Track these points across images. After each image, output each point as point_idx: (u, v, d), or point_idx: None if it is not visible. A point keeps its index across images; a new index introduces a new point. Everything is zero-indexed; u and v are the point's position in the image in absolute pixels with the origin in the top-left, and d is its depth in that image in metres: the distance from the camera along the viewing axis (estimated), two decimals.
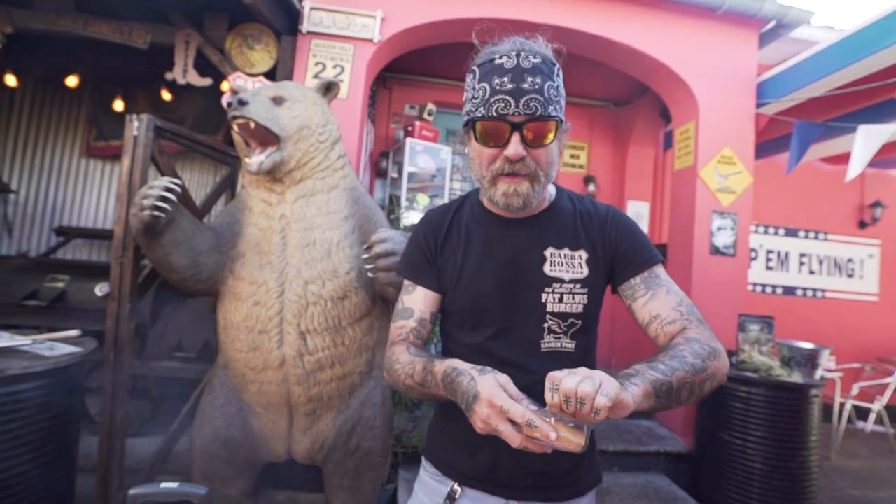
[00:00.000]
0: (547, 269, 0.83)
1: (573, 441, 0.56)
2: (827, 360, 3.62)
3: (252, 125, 1.54)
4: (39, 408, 1.45)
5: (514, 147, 0.74)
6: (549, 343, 0.82)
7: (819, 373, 2.19)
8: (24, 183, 3.76)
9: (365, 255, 1.51)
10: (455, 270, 0.86)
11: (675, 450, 2.47)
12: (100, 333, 1.82)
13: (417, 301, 0.87)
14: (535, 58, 0.73)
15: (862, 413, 3.77)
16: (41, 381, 1.44)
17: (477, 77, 0.77)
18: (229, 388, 1.74)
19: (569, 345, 0.83)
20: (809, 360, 2.18)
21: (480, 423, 0.62)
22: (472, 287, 0.84)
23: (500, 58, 0.74)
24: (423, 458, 0.92)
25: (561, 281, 0.82)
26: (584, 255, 0.84)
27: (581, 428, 0.56)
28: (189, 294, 1.96)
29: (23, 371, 1.36)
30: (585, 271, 0.84)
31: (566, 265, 0.83)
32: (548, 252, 0.84)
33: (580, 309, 0.83)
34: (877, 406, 3.48)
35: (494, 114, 0.73)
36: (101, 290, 2.86)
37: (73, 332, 1.63)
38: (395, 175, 3.56)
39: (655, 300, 0.81)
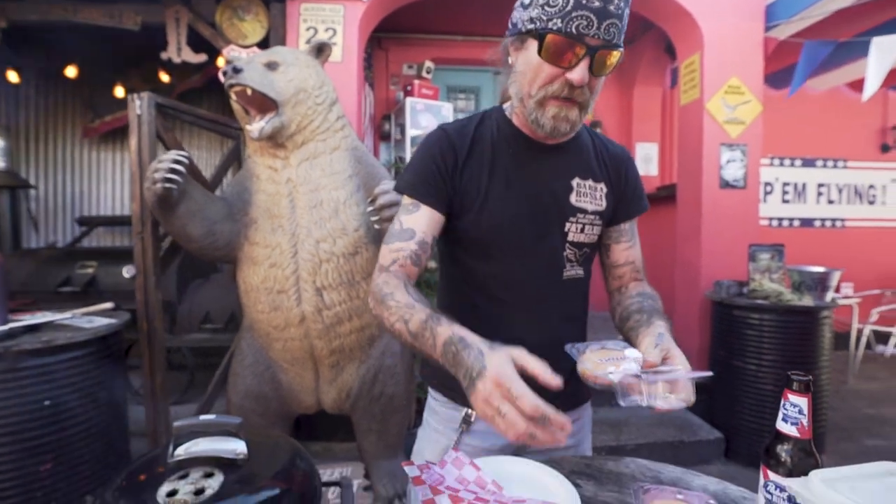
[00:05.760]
0: (573, 198, 0.82)
1: None
2: (842, 287, 3.60)
3: (249, 92, 1.57)
4: (87, 374, 1.57)
5: (582, 72, 0.67)
6: (568, 272, 0.84)
7: (830, 295, 2.20)
8: (41, 177, 3.88)
9: (370, 208, 1.56)
10: (479, 192, 0.79)
11: None
12: (133, 312, 1.94)
13: (420, 222, 0.78)
14: None
15: (882, 338, 3.77)
16: (85, 350, 1.56)
17: None
18: (256, 348, 1.85)
19: (580, 272, 0.87)
20: (820, 283, 2.19)
21: (482, 402, 0.55)
22: (499, 211, 0.79)
23: None
24: (429, 388, 0.93)
25: (584, 212, 0.83)
26: (604, 188, 0.86)
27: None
28: (209, 261, 2.05)
29: (68, 341, 1.48)
30: (604, 204, 0.85)
31: (590, 196, 0.84)
32: (574, 182, 0.83)
33: (594, 239, 0.86)
34: None
35: (573, 31, 0.64)
36: (128, 271, 2.97)
37: (107, 305, 1.75)
38: (398, 137, 3.56)
39: (634, 249, 0.91)
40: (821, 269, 2.22)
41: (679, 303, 2.86)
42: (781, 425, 0.55)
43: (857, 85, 3.75)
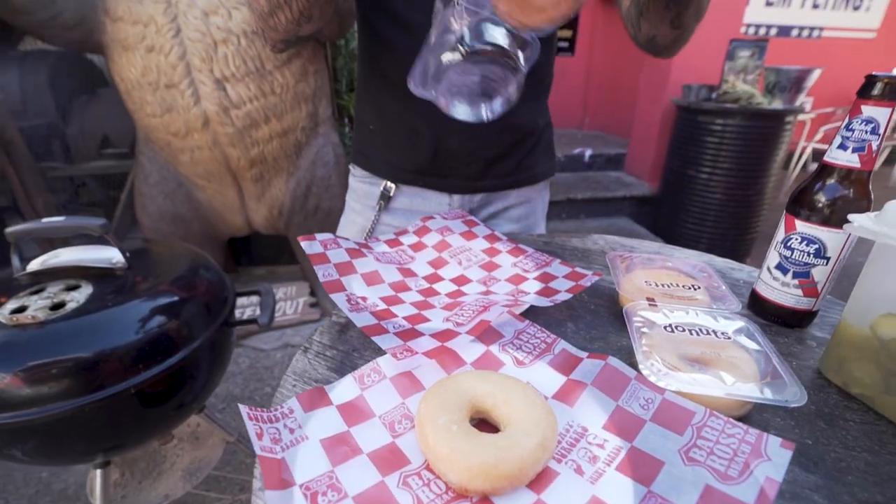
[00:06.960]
0: None
1: None
2: (805, 102, 3.52)
3: None
4: None
5: None
6: None
7: (801, 97, 2.07)
8: None
9: None
10: None
11: (641, 193, 2.53)
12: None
13: None
14: None
15: (819, 156, 3.90)
16: None
17: None
18: (160, 163, 1.54)
19: None
20: (795, 83, 2.04)
21: None
22: None
23: None
24: (350, 166, 0.78)
25: None
26: None
27: None
28: (65, 47, 1.59)
29: None
30: None
31: None
32: None
33: None
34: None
35: None
36: None
37: None
38: None
39: None
40: (799, 67, 2.03)
41: (641, 110, 2.68)
42: (836, 154, 0.39)
43: None
